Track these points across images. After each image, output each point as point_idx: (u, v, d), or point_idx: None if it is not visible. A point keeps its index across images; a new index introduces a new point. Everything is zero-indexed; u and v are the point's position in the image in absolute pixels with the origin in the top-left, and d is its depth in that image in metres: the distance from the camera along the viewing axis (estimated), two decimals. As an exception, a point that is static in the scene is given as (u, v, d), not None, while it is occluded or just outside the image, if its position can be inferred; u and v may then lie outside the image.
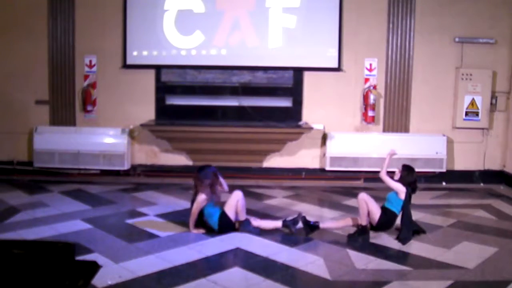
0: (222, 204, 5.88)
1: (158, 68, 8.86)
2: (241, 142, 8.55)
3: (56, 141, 8.61)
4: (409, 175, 5.85)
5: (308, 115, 8.87)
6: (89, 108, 8.84)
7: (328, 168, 8.70)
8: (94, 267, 2.90)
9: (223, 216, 5.74)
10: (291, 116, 8.88)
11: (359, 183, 8.83)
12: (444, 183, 8.81)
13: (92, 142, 8.63)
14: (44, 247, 2.79)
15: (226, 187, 6.04)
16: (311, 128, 8.63)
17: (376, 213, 5.73)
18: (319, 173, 8.92)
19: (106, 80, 8.87)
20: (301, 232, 5.83)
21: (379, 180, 5.97)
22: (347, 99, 8.86)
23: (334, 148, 8.64)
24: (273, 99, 8.90)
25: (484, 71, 8.69)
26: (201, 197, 5.69)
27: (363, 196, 5.73)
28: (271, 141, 8.65)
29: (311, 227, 5.81)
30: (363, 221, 5.70)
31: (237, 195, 5.82)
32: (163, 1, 8.70)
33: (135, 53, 8.80)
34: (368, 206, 5.69)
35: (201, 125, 8.54)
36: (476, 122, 8.77)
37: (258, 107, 8.83)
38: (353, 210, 6.93)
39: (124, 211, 6.84)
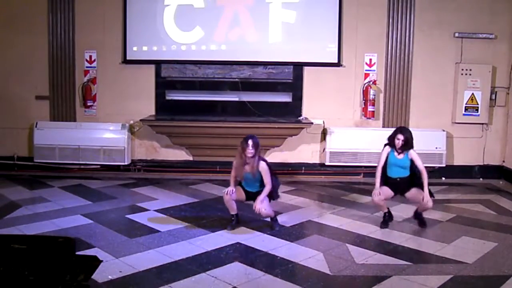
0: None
1: (158, 63, 8.86)
2: (241, 137, 8.49)
3: (56, 136, 8.61)
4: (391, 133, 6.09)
5: (308, 110, 8.88)
6: (89, 103, 8.83)
7: (328, 163, 8.71)
8: (94, 262, 2.90)
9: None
10: (291, 111, 8.88)
11: (359, 178, 8.85)
12: (443, 178, 8.82)
13: (92, 137, 8.63)
14: (44, 242, 2.80)
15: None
16: (311, 123, 8.64)
17: None
18: (319, 168, 8.93)
19: (106, 75, 8.87)
20: (299, 228, 5.87)
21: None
22: (347, 94, 8.86)
23: (334, 143, 8.65)
24: (273, 94, 8.91)
25: (484, 66, 8.70)
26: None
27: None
28: (271, 136, 8.64)
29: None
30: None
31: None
32: (163, -4, 8.71)
33: (135, 48, 8.79)
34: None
35: (201, 120, 8.54)
36: (475, 117, 8.78)
37: (258, 102, 8.84)
38: (353, 205, 6.98)
39: (125, 206, 6.86)
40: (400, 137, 5.87)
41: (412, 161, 5.91)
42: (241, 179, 5.88)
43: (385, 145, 6.10)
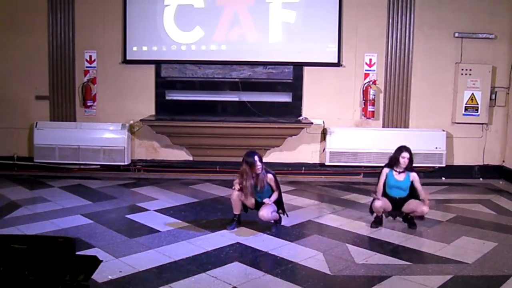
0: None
1: (158, 63, 8.86)
2: (241, 137, 8.55)
3: (56, 137, 8.61)
4: (394, 153, 6.00)
5: (308, 110, 8.88)
6: (89, 103, 8.83)
7: (327, 163, 8.70)
8: (94, 262, 2.91)
9: None
10: (291, 111, 8.88)
11: (359, 178, 8.85)
12: (443, 178, 8.82)
13: (92, 137, 8.63)
14: (44, 242, 2.80)
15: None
16: (311, 123, 8.64)
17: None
18: (318, 168, 8.93)
19: (106, 75, 8.87)
20: (299, 228, 5.88)
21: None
22: (346, 94, 8.86)
23: (334, 143, 8.65)
24: (273, 94, 8.90)
25: (484, 66, 8.70)
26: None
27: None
28: (271, 136, 8.65)
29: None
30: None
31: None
32: (163, -4, 8.70)
33: (135, 48, 8.79)
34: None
35: (201, 120, 8.54)
36: (475, 117, 8.78)
37: (258, 102, 8.83)
38: (353, 205, 6.97)
39: (125, 206, 6.86)
40: (406, 155, 5.84)
41: (412, 183, 5.92)
42: (251, 196, 5.82)
43: (384, 166, 6.07)
